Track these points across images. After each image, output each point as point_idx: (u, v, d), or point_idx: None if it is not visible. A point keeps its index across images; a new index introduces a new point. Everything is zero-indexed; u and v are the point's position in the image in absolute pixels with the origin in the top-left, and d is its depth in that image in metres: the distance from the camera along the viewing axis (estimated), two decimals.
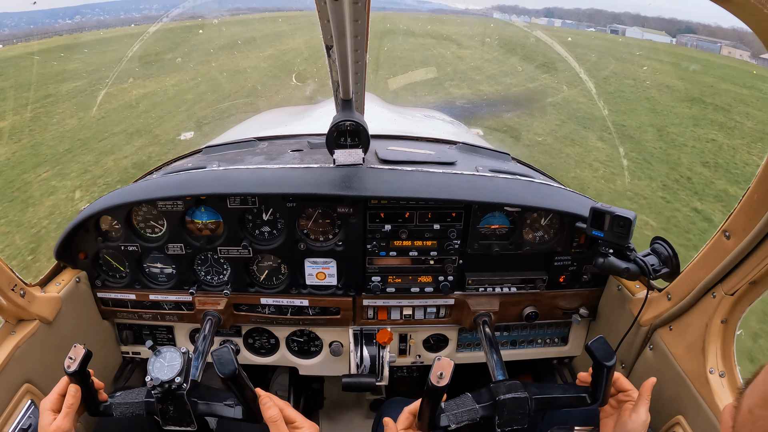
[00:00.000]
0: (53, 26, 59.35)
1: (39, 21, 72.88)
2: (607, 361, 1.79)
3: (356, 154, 2.54)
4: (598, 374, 1.85)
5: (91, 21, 61.17)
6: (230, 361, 1.70)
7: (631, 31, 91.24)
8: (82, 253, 2.68)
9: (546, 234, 2.70)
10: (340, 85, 2.23)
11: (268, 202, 2.56)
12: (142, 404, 1.89)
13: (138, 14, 74.14)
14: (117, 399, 1.91)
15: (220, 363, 1.70)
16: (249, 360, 3.07)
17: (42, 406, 1.79)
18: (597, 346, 1.81)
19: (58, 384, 1.83)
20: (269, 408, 1.82)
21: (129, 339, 3.00)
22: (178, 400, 1.80)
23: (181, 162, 3.20)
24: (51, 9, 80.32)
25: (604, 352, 1.80)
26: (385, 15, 58.18)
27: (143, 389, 1.91)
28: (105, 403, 1.90)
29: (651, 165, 14.33)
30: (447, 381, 1.63)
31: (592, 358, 1.82)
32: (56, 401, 1.80)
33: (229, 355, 1.71)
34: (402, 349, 3.00)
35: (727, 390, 1.94)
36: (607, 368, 1.81)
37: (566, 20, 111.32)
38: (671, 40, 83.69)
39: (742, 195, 1.76)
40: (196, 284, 2.75)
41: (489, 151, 3.30)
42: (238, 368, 1.71)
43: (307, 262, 2.69)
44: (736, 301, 1.91)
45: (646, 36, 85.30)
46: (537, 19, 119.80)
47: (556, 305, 2.85)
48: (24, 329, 2.29)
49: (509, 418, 1.87)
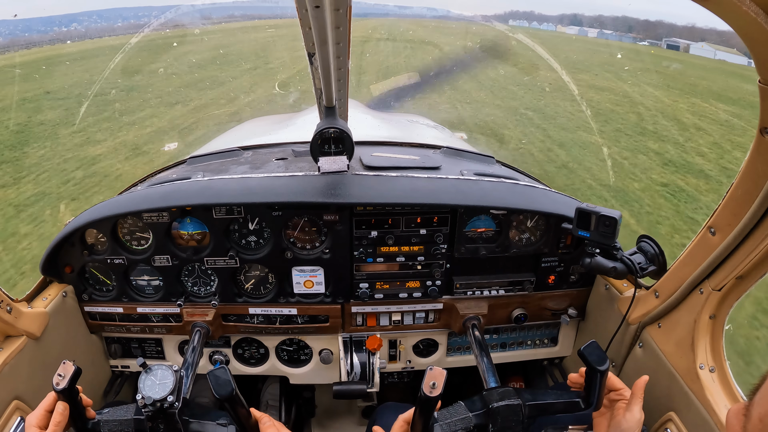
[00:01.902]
0: (43, 36, 58.43)
1: (34, 29, 71.88)
2: (600, 365, 1.79)
3: (341, 161, 2.54)
4: (592, 379, 1.84)
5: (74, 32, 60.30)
6: (227, 382, 1.68)
7: (697, 47, 66.64)
8: (68, 267, 2.64)
9: (532, 236, 2.71)
10: (323, 92, 2.23)
11: (254, 211, 2.54)
12: (131, 422, 1.85)
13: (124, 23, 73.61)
14: (105, 416, 1.86)
15: (218, 384, 1.67)
16: (239, 370, 3.04)
17: (28, 422, 1.75)
18: (590, 351, 1.80)
19: (44, 400, 1.79)
20: (269, 428, 1.81)
21: (118, 353, 2.96)
22: (169, 418, 1.78)
23: (165, 173, 3.17)
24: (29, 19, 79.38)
25: (597, 356, 1.79)
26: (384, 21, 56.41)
27: (132, 406, 1.88)
28: (93, 421, 1.86)
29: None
30: (440, 391, 1.61)
31: (585, 363, 1.82)
32: (42, 417, 1.76)
33: (226, 376, 1.68)
34: (392, 355, 2.99)
35: (717, 385, 1.95)
36: (600, 373, 1.80)
37: (604, 30, 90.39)
38: (749, 62, 62.86)
39: (726, 190, 1.78)
40: (183, 296, 2.72)
41: (473, 155, 3.31)
42: (235, 389, 1.69)
43: (295, 270, 2.68)
44: (724, 296, 1.93)
45: (720, 55, 60.83)
46: (564, 27, 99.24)
47: (544, 306, 2.86)
48: (11, 345, 2.26)
49: (503, 426, 1.86)
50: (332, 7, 1.37)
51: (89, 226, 2.55)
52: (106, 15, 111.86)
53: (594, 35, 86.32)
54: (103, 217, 2.46)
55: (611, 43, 68.51)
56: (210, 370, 1.72)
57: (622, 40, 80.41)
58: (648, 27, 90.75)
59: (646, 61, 43.23)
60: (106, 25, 68.80)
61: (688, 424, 2.03)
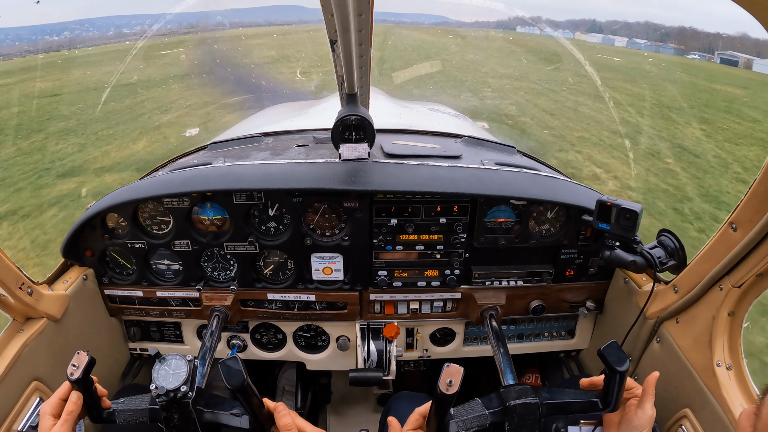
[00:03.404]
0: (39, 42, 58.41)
1: (25, 38, 72.18)
2: (619, 366, 1.76)
3: (361, 149, 2.54)
4: (611, 379, 1.82)
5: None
6: (239, 372, 1.67)
7: (762, 64, 48.33)
8: (89, 250, 2.69)
9: (552, 227, 2.69)
10: (345, 79, 2.22)
11: (274, 197, 2.56)
12: (146, 411, 1.86)
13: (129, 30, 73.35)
14: (120, 406, 1.88)
15: (229, 374, 1.67)
16: (256, 355, 3.08)
17: (42, 410, 1.77)
18: (610, 351, 1.78)
19: (59, 388, 1.81)
20: (284, 416, 1.80)
21: (137, 336, 3.02)
22: (183, 408, 1.79)
23: (186, 158, 3.21)
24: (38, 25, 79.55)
25: (617, 357, 1.76)
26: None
27: (147, 396, 1.89)
28: (108, 410, 1.87)
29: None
30: (456, 388, 1.61)
31: (604, 363, 1.79)
32: (57, 406, 1.77)
33: (237, 366, 1.67)
34: (409, 344, 3.01)
35: (734, 383, 1.93)
36: (620, 374, 1.78)
37: (635, 39, 70.96)
38: None
39: (749, 186, 1.75)
40: (202, 280, 2.76)
41: (494, 144, 3.28)
42: (247, 379, 1.69)
43: (314, 257, 2.70)
44: (743, 293, 1.90)
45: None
46: (584, 35, 79.86)
47: (562, 298, 2.85)
48: (32, 327, 2.31)
49: (519, 424, 1.84)
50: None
51: (110, 211, 2.59)
52: (99, 23, 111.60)
53: (622, 44, 71.15)
54: (124, 201, 2.49)
55: (659, 56, 55.13)
56: (222, 359, 1.71)
57: (660, 51, 64.35)
58: (687, 36, 69.45)
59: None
60: (98, 33, 68.53)
61: (703, 422, 2.01)
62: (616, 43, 71.79)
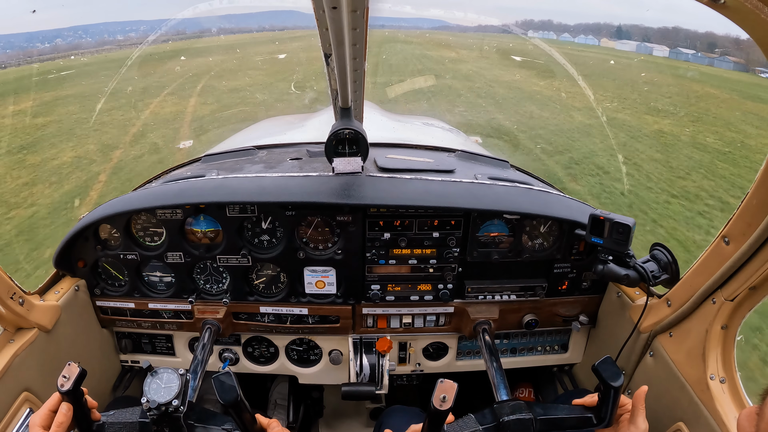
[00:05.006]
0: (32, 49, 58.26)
1: (17, 45, 72.01)
2: (614, 381, 1.77)
3: (355, 163, 2.54)
4: (606, 395, 1.82)
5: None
6: (232, 387, 1.66)
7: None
8: (81, 261, 2.67)
9: (545, 241, 2.70)
10: (339, 93, 2.23)
11: (267, 210, 2.56)
12: (137, 425, 1.84)
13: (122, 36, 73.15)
14: (110, 418, 1.85)
15: (222, 390, 1.66)
16: (248, 369, 3.05)
17: (32, 421, 1.74)
18: (604, 366, 1.79)
19: (49, 399, 1.78)
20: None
21: (128, 348, 2.99)
22: (174, 422, 1.77)
23: (180, 170, 3.20)
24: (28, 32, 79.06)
25: (611, 372, 1.78)
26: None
27: (137, 409, 1.87)
28: (98, 423, 1.85)
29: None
30: (450, 404, 1.60)
31: (599, 379, 1.80)
32: (46, 417, 1.74)
33: (230, 381, 1.67)
34: (402, 358, 2.99)
35: (728, 396, 1.93)
36: (614, 389, 1.78)
37: (680, 48, 63.15)
38: None
39: (741, 200, 1.76)
40: (195, 293, 2.74)
41: (488, 159, 3.30)
42: (240, 395, 1.68)
43: (307, 270, 2.69)
44: (736, 306, 1.91)
45: None
46: (612, 42, 77.86)
47: (555, 312, 2.85)
48: (23, 337, 2.29)
49: None
50: (349, 9, 1.37)
51: (103, 222, 2.58)
52: (92, 30, 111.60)
53: (664, 54, 62.98)
54: (117, 212, 2.49)
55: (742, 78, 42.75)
56: (215, 374, 1.70)
57: (714, 64, 54.13)
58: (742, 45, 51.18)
59: None
60: (92, 40, 68.42)
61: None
62: (654, 52, 65.04)
